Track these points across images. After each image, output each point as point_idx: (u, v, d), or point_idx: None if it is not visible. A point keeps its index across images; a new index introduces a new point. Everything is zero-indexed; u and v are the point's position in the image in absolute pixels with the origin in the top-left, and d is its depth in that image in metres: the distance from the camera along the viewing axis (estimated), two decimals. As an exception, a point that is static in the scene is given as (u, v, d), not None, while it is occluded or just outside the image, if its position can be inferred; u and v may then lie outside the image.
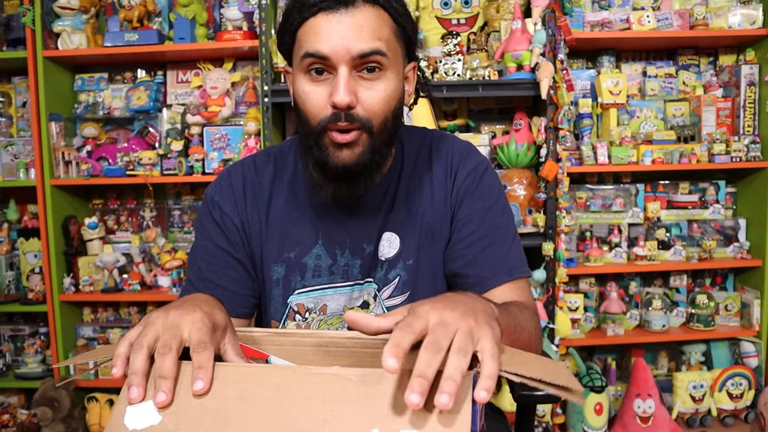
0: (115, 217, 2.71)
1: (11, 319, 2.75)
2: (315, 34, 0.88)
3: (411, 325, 0.57)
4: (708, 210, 2.57)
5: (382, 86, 0.90)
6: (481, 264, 1.00)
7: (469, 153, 1.06)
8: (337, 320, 1.04)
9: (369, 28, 0.88)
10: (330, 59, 0.87)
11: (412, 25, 0.97)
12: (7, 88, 2.72)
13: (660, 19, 2.41)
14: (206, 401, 0.62)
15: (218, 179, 1.07)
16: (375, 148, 0.93)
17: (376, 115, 0.91)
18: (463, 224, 1.02)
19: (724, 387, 2.41)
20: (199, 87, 2.54)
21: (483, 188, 1.04)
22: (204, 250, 1.04)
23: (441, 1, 2.45)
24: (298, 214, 1.03)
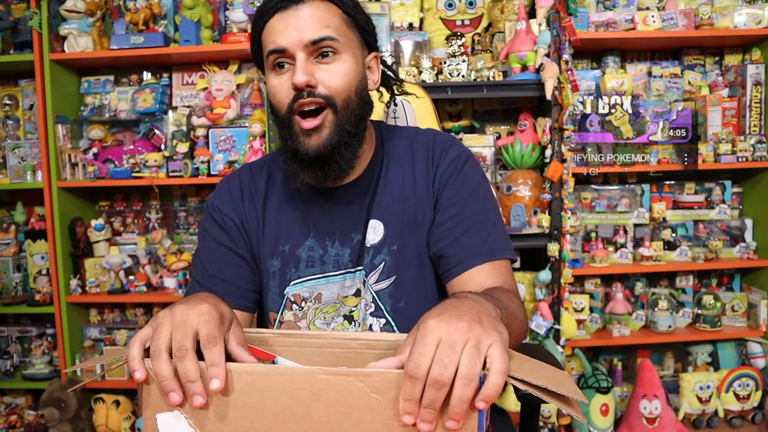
0: (121, 218, 2.72)
1: (18, 321, 2.77)
2: (274, 33, 0.99)
3: (419, 366, 0.58)
4: (714, 210, 2.57)
5: (337, 67, 0.99)
6: (462, 245, 1.03)
7: (451, 144, 1.12)
8: (331, 308, 1.08)
9: (318, 18, 0.98)
10: (288, 50, 0.97)
11: (364, 17, 1.06)
12: (15, 91, 2.74)
13: (665, 19, 2.40)
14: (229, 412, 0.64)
15: (217, 187, 1.16)
16: (342, 128, 1.00)
17: (337, 92, 0.99)
18: (445, 208, 1.07)
19: (731, 388, 2.40)
20: (205, 89, 2.55)
21: (465, 175, 1.09)
22: (208, 250, 1.11)
23: (445, 2, 2.45)
24: (291, 211, 1.11)
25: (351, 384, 0.61)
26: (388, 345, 0.78)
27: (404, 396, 0.59)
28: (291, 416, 0.63)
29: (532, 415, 1.30)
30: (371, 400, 0.61)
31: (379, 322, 1.07)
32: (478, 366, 0.58)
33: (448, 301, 0.69)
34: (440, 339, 0.59)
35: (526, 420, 1.30)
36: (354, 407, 0.61)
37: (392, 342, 0.78)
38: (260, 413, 0.63)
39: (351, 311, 1.08)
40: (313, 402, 0.62)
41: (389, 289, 1.07)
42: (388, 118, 1.50)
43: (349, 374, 0.61)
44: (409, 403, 0.58)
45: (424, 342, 0.59)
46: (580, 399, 0.62)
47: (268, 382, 0.63)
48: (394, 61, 2.31)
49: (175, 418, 0.65)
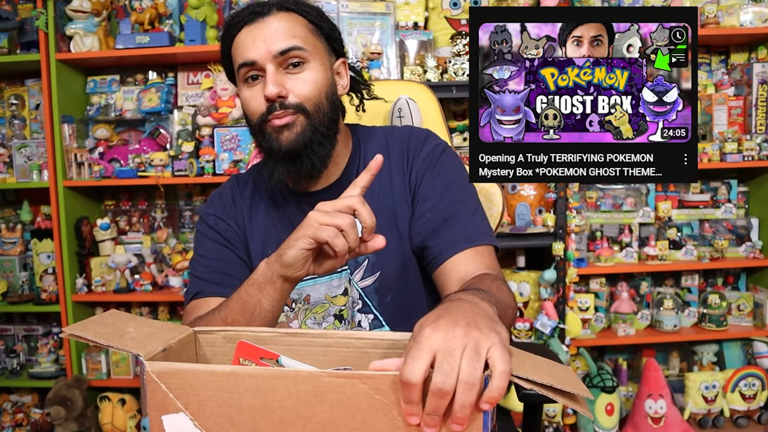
0: (126, 218, 2.73)
1: (25, 319, 2.78)
2: (242, 47, 1.02)
3: (413, 372, 0.58)
4: (720, 209, 2.56)
5: (307, 76, 1.02)
6: (442, 234, 1.04)
7: (426, 137, 1.14)
8: (320, 308, 1.10)
9: (283, 29, 1.01)
10: (257, 63, 1.00)
11: (329, 24, 1.09)
12: (21, 91, 2.75)
13: (671, 18, 2.39)
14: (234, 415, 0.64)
15: (209, 199, 1.20)
16: (314, 128, 1.03)
17: (307, 99, 1.02)
18: (423, 200, 1.08)
19: (737, 387, 2.39)
20: (210, 88, 2.56)
21: (441, 167, 1.10)
22: (206, 249, 1.13)
23: (450, 1, 2.45)
24: (277, 216, 1.14)
25: (355, 386, 0.61)
26: (393, 344, 0.78)
27: (403, 400, 0.59)
28: (297, 417, 0.63)
29: (534, 415, 1.30)
30: (376, 402, 0.61)
31: (368, 317, 1.08)
32: (479, 370, 0.58)
33: (443, 306, 0.69)
34: (437, 347, 0.59)
35: (529, 420, 1.29)
36: (359, 408, 0.61)
37: (397, 341, 0.78)
38: (266, 415, 0.64)
39: (341, 310, 1.10)
40: (317, 403, 0.62)
41: (375, 285, 1.09)
42: (393, 118, 1.50)
43: (353, 377, 0.61)
44: (409, 405, 0.59)
45: (419, 348, 0.59)
46: (586, 395, 0.62)
47: (272, 384, 0.63)
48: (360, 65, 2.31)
49: (180, 419, 0.66)
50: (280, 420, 0.63)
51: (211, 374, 0.65)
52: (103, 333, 0.70)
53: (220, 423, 0.65)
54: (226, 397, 0.64)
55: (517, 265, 2.43)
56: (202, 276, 1.09)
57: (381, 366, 0.63)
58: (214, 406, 0.65)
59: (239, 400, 0.64)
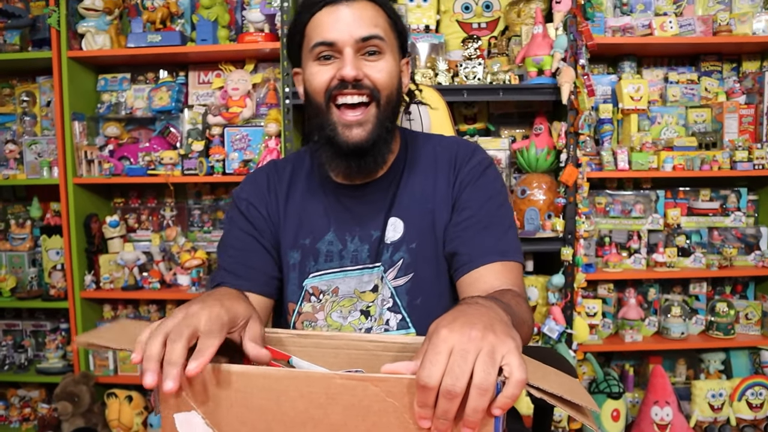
0: (135, 215, 2.74)
1: (33, 315, 2.79)
2: (322, 26, 1.02)
3: (430, 376, 0.58)
4: (729, 217, 2.55)
5: (383, 65, 1.03)
6: (475, 244, 1.05)
7: (474, 150, 1.15)
8: (348, 302, 1.10)
9: (368, 17, 1.02)
10: (336, 44, 1.01)
11: (402, 23, 1.11)
12: (32, 88, 2.76)
13: (682, 25, 2.39)
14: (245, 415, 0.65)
15: (244, 181, 1.19)
16: (382, 123, 1.04)
17: (382, 87, 1.03)
18: (462, 209, 1.09)
19: (744, 396, 2.38)
20: (221, 88, 2.57)
21: (485, 180, 1.11)
22: (234, 237, 1.14)
23: (462, 5, 2.45)
24: (313, 206, 1.14)
25: (367, 389, 0.61)
26: (403, 347, 0.78)
27: (418, 403, 0.59)
28: (308, 419, 0.63)
29: (544, 419, 1.31)
30: (387, 404, 0.61)
31: (396, 317, 1.09)
32: (493, 375, 0.58)
33: (459, 308, 0.68)
34: (452, 348, 0.59)
35: (539, 423, 1.30)
36: (370, 411, 0.61)
37: (408, 344, 0.78)
38: (277, 416, 0.64)
39: (368, 306, 1.09)
40: (329, 405, 0.62)
41: (407, 285, 1.09)
42: (402, 121, 1.50)
43: (365, 379, 0.61)
44: (423, 409, 0.59)
45: (436, 351, 0.59)
46: (593, 408, 0.62)
47: (285, 385, 0.63)
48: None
49: (192, 417, 0.66)
50: (291, 421, 0.64)
51: (224, 374, 0.65)
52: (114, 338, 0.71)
53: (231, 422, 0.65)
54: (238, 396, 0.65)
55: (526, 269, 2.43)
56: (227, 267, 1.11)
57: (393, 369, 0.64)
58: (226, 406, 0.65)
59: (251, 400, 0.64)
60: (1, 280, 2.61)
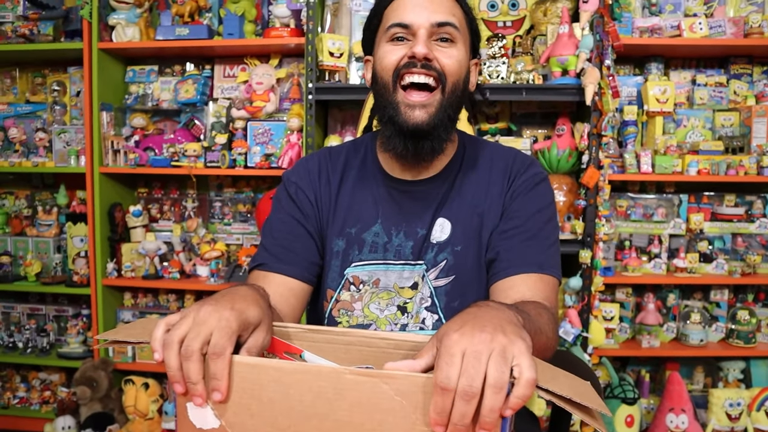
0: (158, 206, 2.78)
1: (56, 300, 2.85)
2: (400, 8, 1.05)
3: (449, 378, 0.58)
4: (754, 224, 2.50)
5: (454, 52, 1.05)
6: (514, 252, 1.06)
7: (531, 163, 1.15)
8: (386, 295, 1.11)
9: (446, 6, 1.05)
10: (411, 27, 1.04)
11: (476, 25, 1.13)
12: (63, 78, 2.82)
13: (712, 27, 2.35)
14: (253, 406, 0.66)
15: (296, 165, 1.21)
16: (445, 110, 1.05)
17: (450, 73, 1.04)
18: (510, 218, 1.09)
19: (763, 407, 2.34)
20: (245, 82, 2.59)
21: (537, 193, 1.11)
22: (279, 220, 1.15)
23: (488, 3, 2.44)
24: (363, 196, 1.15)
25: (376, 386, 0.61)
26: (415, 346, 0.78)
27: (435, 408, 0.59)
28: (314, 413, 0.64)
29: (562, 422, 1.30)
30: (394, 403, 0.61)
31: (433, 317, 1.09)
32: (506, 374, 0.58)
33: (468, 311, 0.69)
34: (465, 351, 0.59)
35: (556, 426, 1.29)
36: (377, 408, 0.61)
37: (419, 343, 0.78)
38: (285, 408, 0.64)
39: (405, 303, 1.10)
40: (337, 401, 0.63)
41: (447, 287, 1.09)
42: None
43: (375, 375, 0.61)
44: (440, 415, 0.59)
45: (450, 354, 0.59)
46: (603, 411, 0.61)
47: (294, 378, 0.64)
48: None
49: (203, 407, 0.67)
50: (298, 415, 0.64)
51: (236, 365, 0.66)
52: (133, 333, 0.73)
53: (239, 413, 0.66)
54: (248, 387, 0.65)
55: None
56: (269, 248, 1.11)
57: (396, 367, 0.64)
58: (236, 397, 0.66)
59: (260, 392, 0.65)
60: (27, 264, 2.68)
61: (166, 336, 0.67)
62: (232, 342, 0.67)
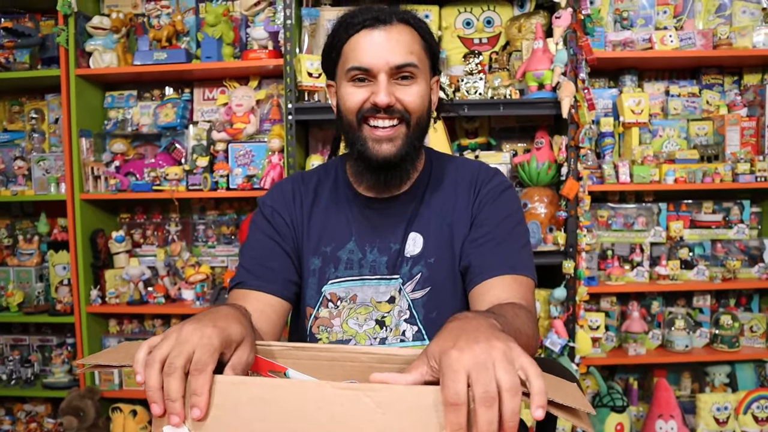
0: (141, 230, 2.76)
1: (40, 330, 2.82)
2: (358, 50, 1.06)
3: (458, 393, 0.58)
4: (732, 230, 2.55)
5: (415, 89, 1.07)
6: (488, 258, 1.09)
7: (495, 173, 1.20)
8: (364, 310, 1.14)
9: (403, 43, 1.06)
10: (371, 70, 1.05)
11: (436, 43, 1.14)
12: (41, 105, 2.81)
13: (683, 39, 2.40)
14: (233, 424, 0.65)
15: (271, 189, 1.25)
16: (411, 141, 1.09)
17: (413, 111, 1.08)
18: (479, 226, 1.13)
19: (749, 410, 2.37)
20: (225, 104, 2.60)
21: (503, 200, 1.16)
22: (256, 240, 1.18)
23: (463, 20, 2.48)
24: (336, 215, 1.18)
25: (358, 398, 0.62)
26: (399, 360, 0.79)
27: (451, 427, 0.58)
28: (296, 429, 0.64)
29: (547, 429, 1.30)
30: (376, 414, 0.61)
31: (412, 329, 1.12)
32: (516, 376, 0.60)
33: (453, 326, 0.69)
34: (468, 365, 0.60)
35: (543, 431, 1.30)
36: (361, 420, 0.62)
37: (404, 357, 0.78)
38: (267, 426, 0.64)
39: (383, 316, 1.13)
40: (319, 415, 0.63)
41: (423, 299, 1.12)
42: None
43: (356, 389, 0.62)
44: (458, 429, 0.58)
45: (454, 370, 0.60)
46: (588, 410, 0.62)
47: (276, 395, 0.64)
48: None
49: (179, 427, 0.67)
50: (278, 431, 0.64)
51: (217, 383, 0.66)
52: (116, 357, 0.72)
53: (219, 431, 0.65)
54: (229, 406, 0.65)
55: (528, 282, 2.42)
56: (247, 266, 1.13)
57: (382, 378, 0.65)
58: (215, 414, 0.65)
59: (241, 410, 0.65)
60: (9, 295, 2.65)
61: (148, 356, 0.67)
62: (214, 359, 0.67)
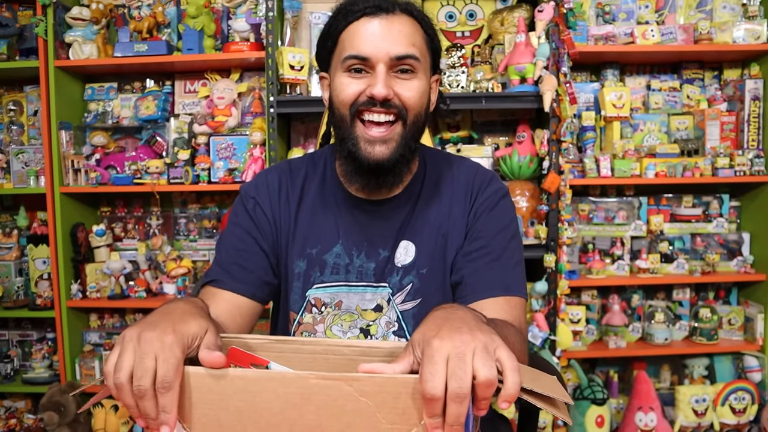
0: (122, 224, 2.74)
1: (19, 325, 2.78)
2: (357, 38, 0.99)
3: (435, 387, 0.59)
4: (712, 224, 2.57)
5: (415, 84, 1.01)
6: (480, 276, 1.05)
7: (491, 179, 1.14)
8: (348, 317, 1.10)
9: (405, 33, 0.99)
10: (370, 60, 0.99)
11: (438, 40, 1.08)
12: (19, 97, 2.77)
13: (664, 34, 2.42)
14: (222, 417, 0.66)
15: (255, 178, 1.17)
16: (406, 143, 1.02)
17: (411, 108, 1.01)
18: (474, 238, 1.08)
19: (727, 401, 2.40)
20: (207, 97, 2.58)
21: (499, 210, 1.11)
22: (234, 235, 1.11)
23: (446, 13, 2.48)
24: (324, 215, 1.12)
25: (341, 388, 0.63)
26: (381, 352, 0.80)
27: (427, 415, 0.61)
28: (283, 420, 0.65)
29: (529, 421, 1.32)
30: (360, 404, 0.63)
31: (401, 342, 1.08)
32: (494, 368, 0.60)
33: (437, 314, 0.70)
34: (448, 355, 0.61)
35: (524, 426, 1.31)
36: (344, 411, 0.63)
37: (386, 350, 0.79)
38: (253, 417, 0.65)
39: (368, 325, 1.09)
40: (304, 405, 0.64)
41: (413, 310, 1.09)
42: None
43: (339, 378, 0.63)
44: (434, 419, 0.60)
45: (433, 362, 0.61)
46: (566, 400, 0.64)
47: (260, 386, 0.65)
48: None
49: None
50: (266, 422, 0.65)
51: (202, 376, 0.66)
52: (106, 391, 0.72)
53: (208, 425, 0.67)
54: (215, 399, 0.66)
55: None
56: (223, 265, 1.08)
57: (369, 368, 0.65)
58: (204, 408, 0.67)
59: (228, 402, 0.66)
60: (-13, 289, 2.62)
61: (115, 378, 0.66)
62: (179, 372, 0.66)
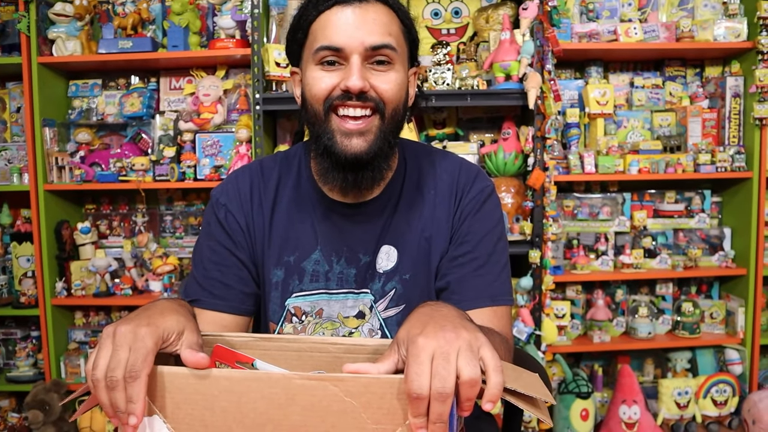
0: (107, 222, 2.73)
1: (3, 323, 2.76)
2: (329, 28, 0.93)
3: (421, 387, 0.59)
4: (694, 219, 2.61)
5: (392, 76, 0.95)
6: (468, 284, 1.02)
7: (477, 176, 1.09)
8: (330, 325, 1.06)
9: (381, 23, 0.93)
10: (344, 50, 0.92)
11: (415, 30, 1.03)
12: (2, 94, 2.74)
13: (647, 31, 2.44)
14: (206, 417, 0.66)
15: (225, 182, 1.10)
16: (385, 137, 0.97)
17: (389, 100, 0.95)
18: (460, 243, 1.04)
19: (709, 394, 2.44)
20: (192, 94, 2.57)
21: (485, 212, 1.06)
22: (210, 249, 1.06)
23: (431, 11, 2.49)
24: (300, 220, 1.06)
25: (326, 388, 0.63)
26: (366, 350, 0.80)
27: (412, 414, 0.60)
28: (268, 420, 0.65)
29: (514, 418, 1.33)
30: (345, 404, 0.63)
31: (386, 340, 1.07)
32: (478, 367, 0.61)
33: (422, 312, 0.70)
34: (433, 354, 0.61)
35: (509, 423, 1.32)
36: (329, 411, 0.63)
37: (371, 347, 0.80)
38: (238, 417, 0.65)
39: (351, 332, 1.05)
40: (289, 406, 0.64)
41: (397, 317, 1.05)
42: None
43: (324, 379, 0.63)
44: (419, 418, 0.60)
45: (419, 361, 0.61)
46: (548, 400, 0.64)
47: (245, 387, 0.65)
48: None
49: (154, 422, 0.67)
50: (252, 422, 0.65)
51: (187, 377, 0.66)
52: None
53: (193, 425, 0.67)
54: (200, 399, 0.66)
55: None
56: (202, 282, 1.04)
57: (355, 369, 0.65)
58: (188, 409, 0.67)
59: (213, 402, 0.66)
60: (-29, 287, 2.59)
61: (93, 375, 0.66)
62: (149, 362, 0.66)
